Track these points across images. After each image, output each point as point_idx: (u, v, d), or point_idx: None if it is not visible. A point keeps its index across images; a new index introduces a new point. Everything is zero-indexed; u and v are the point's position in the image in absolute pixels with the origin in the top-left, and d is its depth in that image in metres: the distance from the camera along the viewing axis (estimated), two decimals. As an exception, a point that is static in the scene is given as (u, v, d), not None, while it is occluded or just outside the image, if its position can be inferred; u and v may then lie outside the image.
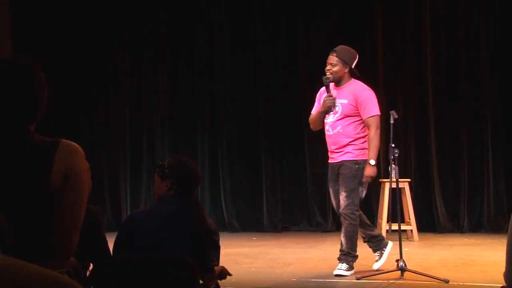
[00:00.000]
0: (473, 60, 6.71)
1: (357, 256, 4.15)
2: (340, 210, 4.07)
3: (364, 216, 4.25)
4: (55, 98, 1.75)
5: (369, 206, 6.71)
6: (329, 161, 4.20)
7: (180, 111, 7.17)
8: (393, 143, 4.01)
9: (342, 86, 4.09)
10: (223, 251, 4.37)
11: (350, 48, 4.13)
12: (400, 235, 4.04)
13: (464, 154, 6.62)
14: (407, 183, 6.01)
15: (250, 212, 7.03)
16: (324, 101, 4.06)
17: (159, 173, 2.38)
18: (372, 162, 3.93)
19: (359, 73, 4.14)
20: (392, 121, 4.06)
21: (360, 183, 4.01)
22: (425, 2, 6.71)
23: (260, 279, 4.14)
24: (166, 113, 7.13)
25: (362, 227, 4.19)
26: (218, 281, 2.44)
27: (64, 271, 1.70)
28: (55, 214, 1.63)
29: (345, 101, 4.03)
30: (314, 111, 4.22)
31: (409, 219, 5.98)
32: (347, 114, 4.01)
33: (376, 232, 4.32)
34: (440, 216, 6.54)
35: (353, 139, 4.02)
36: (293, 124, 7.02)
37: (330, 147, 4.13)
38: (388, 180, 5.37)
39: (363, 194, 4.10)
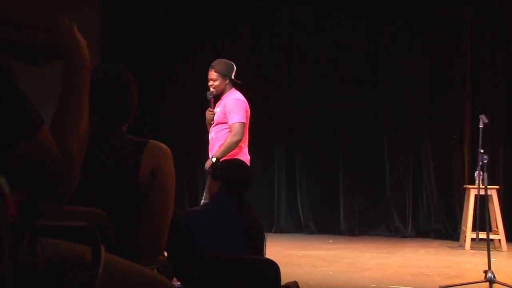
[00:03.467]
0: None
1: None
2: None
3: None
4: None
5: (453, 213, 6.44)
6: None
7: (257, 113, 7.18)
8: (482, 148, 3.83)
9: (223, 96, 4.29)
10: (300, 253, 4.33)
11: (226, 60, 4.31)
12: (488, 244, 3.84)
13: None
14: (495, 190, 5.71)
15: (326, 214, 6.96)
16: (205, 115, 4.30)
17: (212, 174, 2.45)
18: (214, 159, 4.04)
19: (241, 82, 4.34)
20: (481, 126, 3.88)
21: None
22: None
23: (338, 283, 4.08)
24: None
25: None
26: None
27: (154, 268, 1.75)
28: (144, 212, 1.69)
29: (218, 109, 4.23)
30: None
31: (497, 228, 5.68)
32: (219, 121, 4.21)
33: None
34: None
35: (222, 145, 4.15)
36: (372, 127, 6.88)
37: (208, 153, 4.29)
38: (474, 186, 5.16)
39: None
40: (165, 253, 2.06)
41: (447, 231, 6.48)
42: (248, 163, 4.22)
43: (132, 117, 1.80)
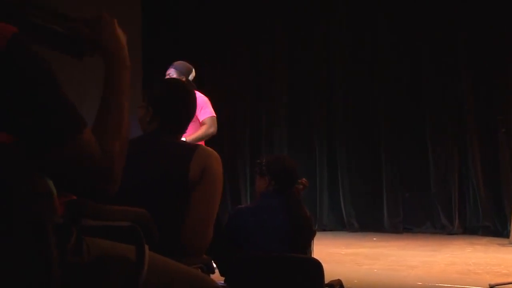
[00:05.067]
0: None
1: None
2: None
3: None
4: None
5: (501, 209, 6.24)
6: None
7: (298, 109, 7.18)
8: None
9: None
10: (342, 251, 4.29)
11: (186, 63, 4.41)
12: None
13: None
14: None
15: (369, 212, 6.87)
16: None
17: (258, 170, 2.48)
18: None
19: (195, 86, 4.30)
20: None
21: None
22: None
23: (383, 281, 4.01)
24: (283, 111, 7.18)
25: None
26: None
27: (198, 267, 1.75)
28: (190, 209, 1.71)
29: None
30: None
31: (549, 224, 5.47)
32: None
33: None
34: None
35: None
36: (415, 121, 6.75)
37: None
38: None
39: None
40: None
41: (496, 228, 6.28)
42: None
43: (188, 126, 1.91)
